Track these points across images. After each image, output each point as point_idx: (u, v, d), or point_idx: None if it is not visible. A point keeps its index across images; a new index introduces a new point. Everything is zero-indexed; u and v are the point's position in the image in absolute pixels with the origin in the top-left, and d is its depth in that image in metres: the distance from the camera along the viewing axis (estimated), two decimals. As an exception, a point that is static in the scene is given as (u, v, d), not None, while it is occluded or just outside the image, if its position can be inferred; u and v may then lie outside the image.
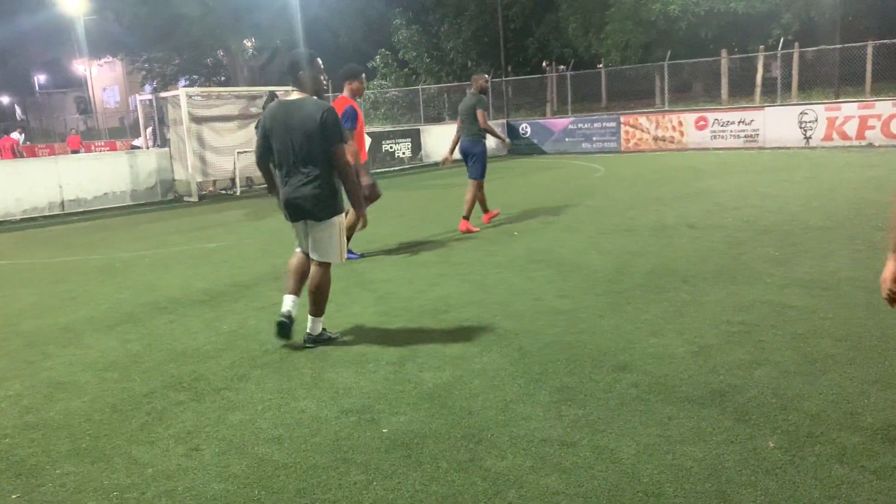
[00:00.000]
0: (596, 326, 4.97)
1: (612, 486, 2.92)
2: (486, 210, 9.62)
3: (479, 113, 9.10)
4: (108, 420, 3.92)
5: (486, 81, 9.63)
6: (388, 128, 25.16)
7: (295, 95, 4.74)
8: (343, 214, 4.91)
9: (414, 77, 32.90)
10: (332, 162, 4.69)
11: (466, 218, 9.13)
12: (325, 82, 4.88)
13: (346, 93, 7.46)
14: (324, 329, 4.99)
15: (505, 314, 5.39)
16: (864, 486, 2.81)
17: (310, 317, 4.94)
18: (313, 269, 4.92)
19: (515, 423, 3.55)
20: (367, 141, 9.75)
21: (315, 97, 4.75)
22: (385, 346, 4.86)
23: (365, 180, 7.30)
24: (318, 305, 4.91)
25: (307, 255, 4.98)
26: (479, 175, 9.21)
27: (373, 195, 7.62)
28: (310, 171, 4.65)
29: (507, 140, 9.22)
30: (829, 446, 3.12)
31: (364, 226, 5.09)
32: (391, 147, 20.71)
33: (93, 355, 5.08)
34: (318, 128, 4.56)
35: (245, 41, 31.49)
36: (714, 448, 3.17)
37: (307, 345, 4.92)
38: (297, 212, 4.76)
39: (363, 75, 7.57)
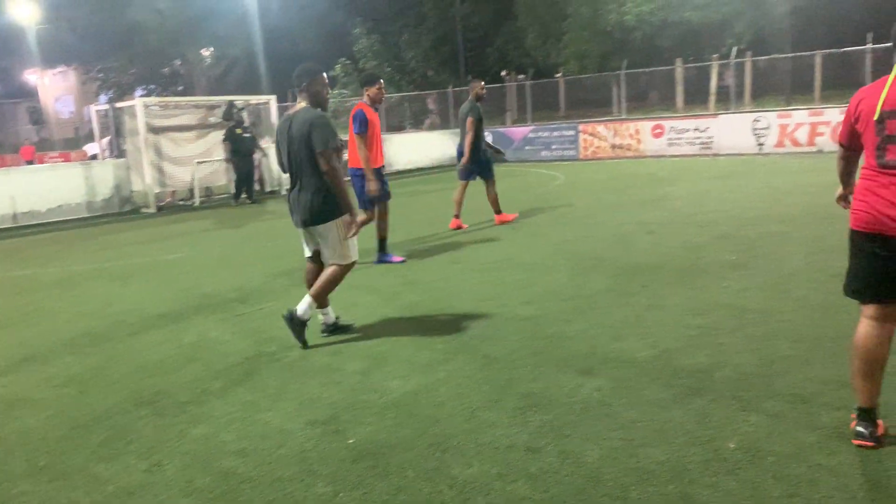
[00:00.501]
0: (560, 332, 5.01)
1: (578, 490, 2.95)
2: (457, 215, 9.89)
3: (468, 121, 9.58)
4: (66, 437, 3.84)
5: (482, 88, 10.02)
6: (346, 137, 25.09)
7: (298, 107, 4.95)
8: (344, 217, 4.98)
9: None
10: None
11: (498, 212, 10.02)
12: (327, 95, 5.04)
13: (364, 99, 7.65)
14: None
15: (470, 321, 5.41)
16: (821, 483, 2.88)
17: (307, 296, 5.03)
18: (329, 267, 5.12)
19: (482, 430, 3.56)
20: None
21: (317, 108, 4.95)
22: (350, 355, 4.84)
23: (371, 186, 7.42)
24: (319, 291, 5.04)
25: (313, 261, 5.22)
26: (490, 175, 9.89)
27: (382, 196, 7.72)
28: (307, 178, 4.89)
29: (465, 159, 9.60)
30: (787, 446, 3.19)
31: (365, 222, 5.29)
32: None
33: (50, 371, 4.97)
34: (308, 135, 4.77)
35: (203, 50, 31.15)
36: (677, 450, 3.22)
37: (285, 318, 4.99)
38: (298, 219, 5.00)
39: (380, 81, 7.70)
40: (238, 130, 15.54)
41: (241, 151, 15.59)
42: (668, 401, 3.74)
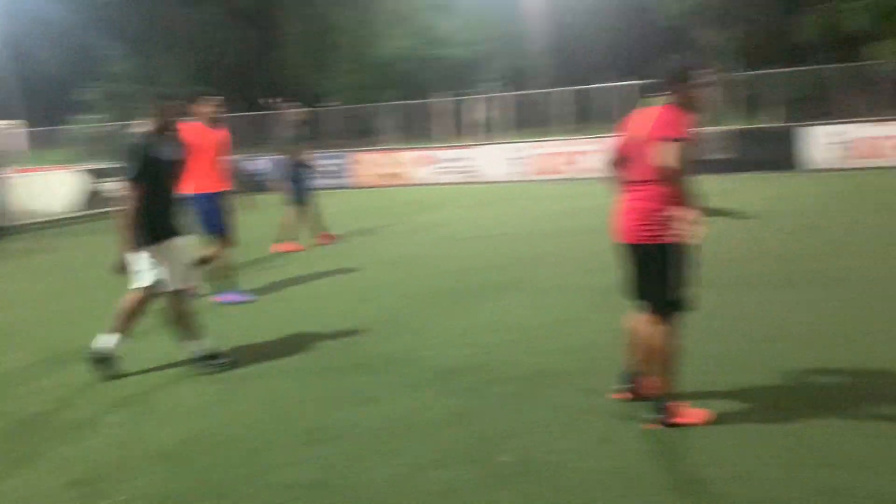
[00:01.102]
0: (340, 363, 4.99)
1: (365, 521, 2.95)
2: (320, 234, 10.33)
3: (294, 147, 10.04)
4: None
5: (302, 114, 10.39)
6: (107, 164, 23.20)
7: (143, 129, 4.87)
8: (140, 251, 4.70)
9: (136, 111, 30.89)
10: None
11: (285, 240, 10.02)
12: (172, 117, 4.93)
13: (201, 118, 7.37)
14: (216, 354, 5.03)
15: (249, 359, 5.19)
16: (594, 484, 3.13)
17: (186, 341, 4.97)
18: None
19: (263, 471, 3.45)
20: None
21: (161, 134, 4.85)
22: (114, 406, 4.45)
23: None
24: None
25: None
26: (303, 200, 10.12)
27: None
28: None
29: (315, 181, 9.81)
30: (555, 455, 3.43)
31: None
32: (105, 185, 18.60)
33: None
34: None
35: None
36: (457, 469, 3.34)
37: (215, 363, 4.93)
38: None
39: (199, 98, 7.47)
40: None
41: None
42: (447, 421, 3.87)
